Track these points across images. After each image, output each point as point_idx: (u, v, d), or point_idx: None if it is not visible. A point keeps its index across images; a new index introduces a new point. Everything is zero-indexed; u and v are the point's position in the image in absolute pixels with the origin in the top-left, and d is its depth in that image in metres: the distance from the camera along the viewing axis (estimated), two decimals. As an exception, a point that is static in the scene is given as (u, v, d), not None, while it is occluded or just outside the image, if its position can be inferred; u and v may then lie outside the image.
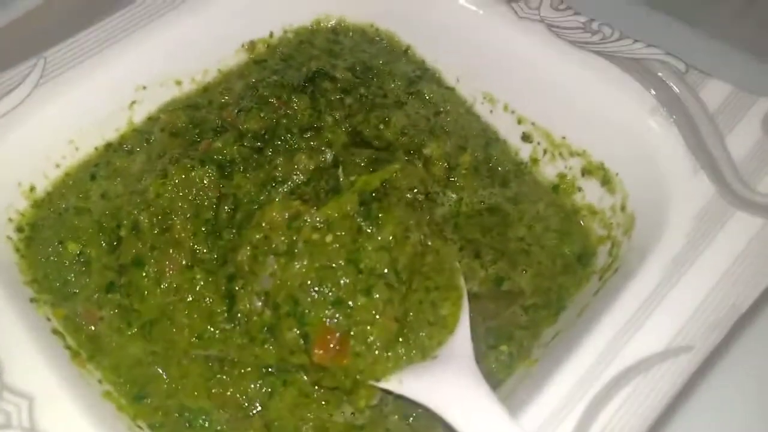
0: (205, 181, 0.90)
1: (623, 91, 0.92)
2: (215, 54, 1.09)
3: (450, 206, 1.00)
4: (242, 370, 0.81)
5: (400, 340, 0.79)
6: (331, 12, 1.16)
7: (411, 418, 0.82)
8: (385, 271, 0.80)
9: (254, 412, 0.80)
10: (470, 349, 0.79)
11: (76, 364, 0.78)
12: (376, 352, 0.77)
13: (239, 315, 0.82)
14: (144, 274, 0.84)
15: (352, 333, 0.77)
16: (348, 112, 1.03)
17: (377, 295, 0.78)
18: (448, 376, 0.75)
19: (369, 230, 0.82)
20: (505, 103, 1.05)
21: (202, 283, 0.83)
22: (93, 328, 0.84)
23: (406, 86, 1.09)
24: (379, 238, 0.82)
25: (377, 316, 0.77)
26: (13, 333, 0.75)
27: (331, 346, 0.76)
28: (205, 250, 0.86)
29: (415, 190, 0.92)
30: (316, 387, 0.81)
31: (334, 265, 0.79)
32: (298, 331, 0.78)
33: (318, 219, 0.82)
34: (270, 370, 0.81)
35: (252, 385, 0.80)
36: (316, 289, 0.78)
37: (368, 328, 0.77)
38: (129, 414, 0.78)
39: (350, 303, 0.77)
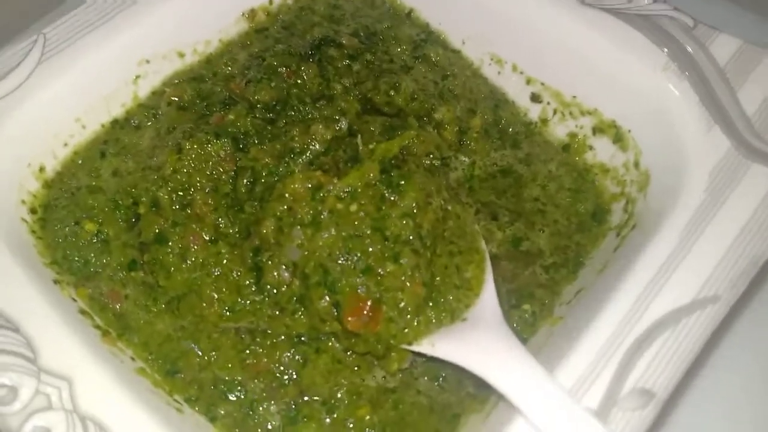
0: (221, 154, 0.89)
1: (634, 48, 0.92)
2: (216, 24, 1.07)
3: (463, 170, 1.01)
4: (274, 340, 0.82)
5: (430, 304, 0.80)
6: (331, -24, 1.14)
7: (441, 379, 0.84)
8: (410, 237, 0.81)
9: (288, 380, 0.81)
10: (498, 309, 0.80)
11: (107, 343, 0.78)
12: (408, 316, 0.78)
13: (267, 286, 0.82)
14: (168, 251, 0.84)
15: (383, 299, 0.77)
16: (356, 79, 1.02)
17: (405, 261, 0.79)
18: (479, 336, 0.77)
19: (392, 198, 0.82)
20: (513, 64, 1.05)
21: (227, 256, 0.83)
22: (118, 306, 0.84)
23: (412, 50, 1.08)
24: (402, 205, 0.82)
25: (406, 282, 0.78)
26: (42, 316, 0.74)
27: (364, 313, 0.77)
28: (227, 224, 0.86)
29: (431, 156, 0.92)
30: (349, 353, 0.82)
31: (360, 233, 0.80)
32: (329, 300, 0.78)
33: (341, 189, 0.82)
34: (302, 338, 0.82)
35: (285, 354, 0.81)
36: (345, 257, 0.79)
37: (398, 294, 0.78)
38: (164, 389, 0.78)
39: (379, 270, 0.78)
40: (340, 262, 0.79)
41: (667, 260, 0.75)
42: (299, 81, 0.98)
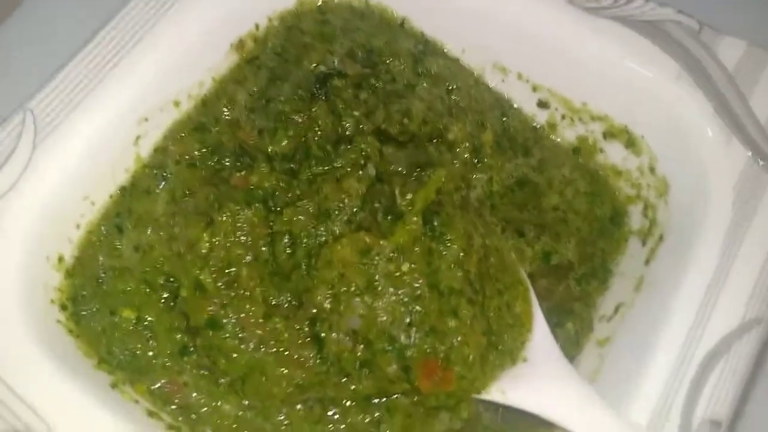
0: (254, 221, 0.86)
1: (643, 56, 0.93)
2: (206, 62, 1.00)
3: (482, 188, 1.01)
4: (346, 405, 0.83)
5: (491, 349, 0.83)
6: (314, -11, 1.07)
7: (499, 411, 0.88)
8: (463, 286, 0.83)
9: (367, 442, 0.84)
10: (554, 342, 0.85)
11: (184, 440, 0.78)
12: (475, 368, 0.81)
13: (329, 355, 0.83)
14: (224, 335, 0.82)
15: (450, 357, 0.80)
16: (366, 109, 0.99)
17: (464, 313, 0.81)
18: (544, 378, 0.81)
19: (439, 249, 0.83)
20: (518, 72, 1.04)
21: (284, 330, 0.83)
22: (180, 397, 0.83)
23: (413, 65, 1.05)
24: (450, 255, 0.83)
25: (469, 335, 0.81)
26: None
27: (436, 374, 0.79)
28: (276, 295, 0.85)
29: (460, 188, 0.93)
30: (419, 406, 0.85)
31: (417, 293, 0.81)
32: (397, 365, 0.80)
33: (390, 249, 0.82)
34: (371, 400, 0.84)
35: (359, 418, 0.83)
36: (408, 321, 0.80)
37: (464, 348, 0.80)
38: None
39: (443, 329, 0.80)
40: (403, 326, 0.80)
41: (712, 281, 0.80)
42: (314, 125, 0.94)
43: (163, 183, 0.94)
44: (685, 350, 0.77)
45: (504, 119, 1.05)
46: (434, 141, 0.99)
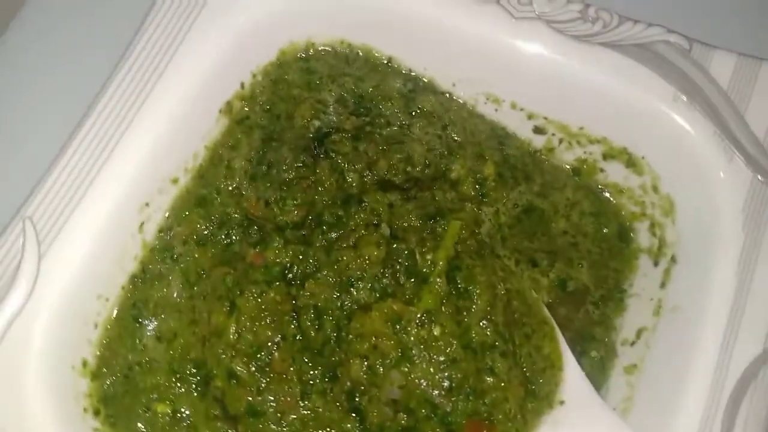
0: (277, 299, 0.86)
1: (639, 81, 0.94)
2: (197, 132, 0.97)
3: (490, 221, 1.02)
4: (395, 472, 0.85)
5: (528, 398, 0.85)
6: (295, 38, 1.04)
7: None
8: (495, 340, 0.84)
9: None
10: (587, 381, 0.87)
11: None
12: (518, 421, 0.83)
13: (372, 426, 0.83)
14: (266, 422, 0.82)
15: (493, 416, 0.82)
16: (368, 160, 0.98)
17: (499, 367, 0.83)
18: (583, 421, 0.84)
19: (466, 305, 0.84)
20: (512, 102, 1.03)
21: (328, 412, 0.83)
22: (230, 484, 0.83)
23: (405, 105, 1.04)
24: (477, 310, 0.84)
25: (507, 388, 0.83)
26: None
27: (481, 434, 0.81)
28: (309, 372, 0.85)
29: (475, 233, 0.93)
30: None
31: (453, 356, 0.82)
32: (441, 431, 0.82)
33: (419, 315, 0.83)
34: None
35: (411, 482, 0.85)
36: (446, 385, 0.81)
37: (505, 404, 0.82)
38: None
39: (482, 387, 0.82)
40: (443, 391, 0.81)
41: (733, 306, 0.83)
42: (319, 187, 0.93)
43: (175, 266, 0.92)
44: (716, 377, 0.80)
45: (502, 148, 1.05)
46: (437, 181, 0.99)
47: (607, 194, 1.04)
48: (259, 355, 0.84)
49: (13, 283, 0.80)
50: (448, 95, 1.06)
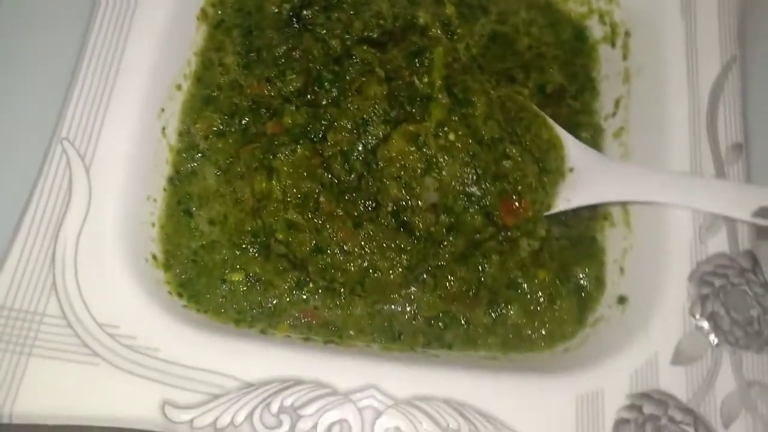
0: (306, 155, 0.95)
1: None
2: (183, 41, 1.04)
3: (463, 55, 1.13)
4: (451, 267, 0.96)
5: (543, 173, 0.97)
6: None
7: (564, 217, 1.02)
8: (502, 133, 0.96)
9: (478, 289, 0.97)
10: (585, 146, 1.00)
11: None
12: (540, 190, 0.95)
13: (422, 235, 0.94)
14: (332, 255, 0.92)
15: (519, 190, 0.94)
16: (343, 26, 1.07)
17: (513, 151, 0.95)
18: (593, 175, 0.97)
19: (470, 111, 0.95)
20: (453, -56, 1.13)
21: (381, 233, 0.93)
22: (316, 319, 0.93)
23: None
24: (481, 113, 0.95)
25: (524, 168, 0.95)
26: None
27: (515, 207, 0.93)
28: (355, 206, 0.95)
29: (457, 58, 1.04)
30: (503, 243, 0.98)
31: (472, 152, 0.93)
32: (480, 216, 0.93)
33: (432, 128, 0.93)
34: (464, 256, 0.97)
35: (462, 272, 0.96)
36: (473, 177, 0.93)
37: (526, 179, 0.94)
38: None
39: (504, 171, 0.93)
40: (473, 182, 0.92)
41: (686, 41, 0.97)
42: (309, 55, 1.02)
43: (204, 160, 1.00)
44: (691, 101, 0.93)
45: (455, -15, 1.15)
46: (408, 31, 1.09)
47: (556, 5, 1.16)
48: (307, 204, 0.93)
49: (71, 195, 0.87)
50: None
